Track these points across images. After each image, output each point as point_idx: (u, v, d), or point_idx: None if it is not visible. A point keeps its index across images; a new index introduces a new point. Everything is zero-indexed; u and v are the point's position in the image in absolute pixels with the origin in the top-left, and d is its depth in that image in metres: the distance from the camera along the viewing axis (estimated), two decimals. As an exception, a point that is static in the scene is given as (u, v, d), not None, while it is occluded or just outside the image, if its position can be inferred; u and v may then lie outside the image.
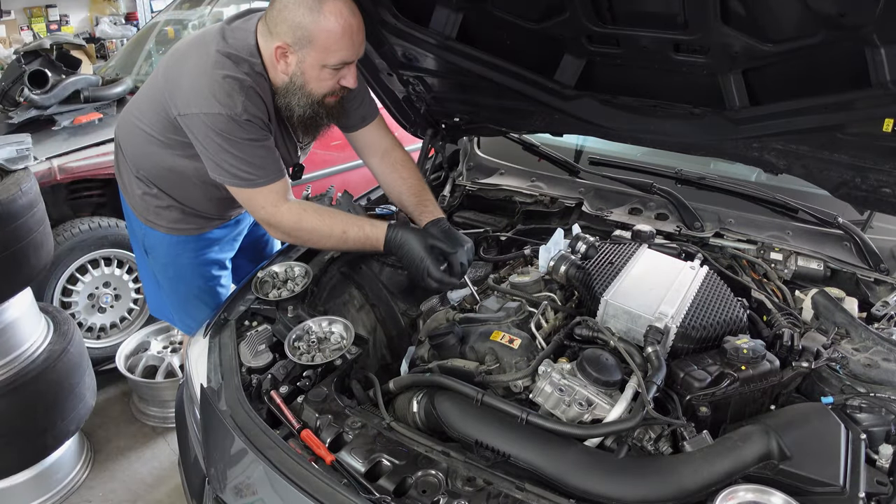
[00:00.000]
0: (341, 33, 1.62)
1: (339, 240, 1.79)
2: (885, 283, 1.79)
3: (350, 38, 1.65)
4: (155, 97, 1.80)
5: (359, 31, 1.67)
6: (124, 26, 7.11)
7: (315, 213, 1.78)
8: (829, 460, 1.15)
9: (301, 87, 1.71)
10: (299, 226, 1.77)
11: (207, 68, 1.66)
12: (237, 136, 1.66)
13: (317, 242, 1.84)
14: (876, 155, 1.59)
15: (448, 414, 1.38)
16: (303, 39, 1.63)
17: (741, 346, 1.40)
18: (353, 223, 1.79)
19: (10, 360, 2.27)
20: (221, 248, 2.18)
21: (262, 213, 1.78)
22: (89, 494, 2.69)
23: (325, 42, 1.63)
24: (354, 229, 1.78)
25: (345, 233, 1.77)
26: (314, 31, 1.61)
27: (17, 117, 3.21)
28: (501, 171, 2.51)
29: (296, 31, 1.62)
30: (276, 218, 1.76)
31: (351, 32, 1.64)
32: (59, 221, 3.11)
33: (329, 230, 1.77)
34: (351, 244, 1.80)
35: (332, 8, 1.60)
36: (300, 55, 1.65)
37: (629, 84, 1.84)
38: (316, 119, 1.79)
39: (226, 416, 1.43)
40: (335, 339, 1.64)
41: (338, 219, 1.79)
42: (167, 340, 3.30)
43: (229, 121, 1.64)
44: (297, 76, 1.69)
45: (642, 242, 1.90)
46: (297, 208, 1.77)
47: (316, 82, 1.70)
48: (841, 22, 1.32)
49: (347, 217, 1.82)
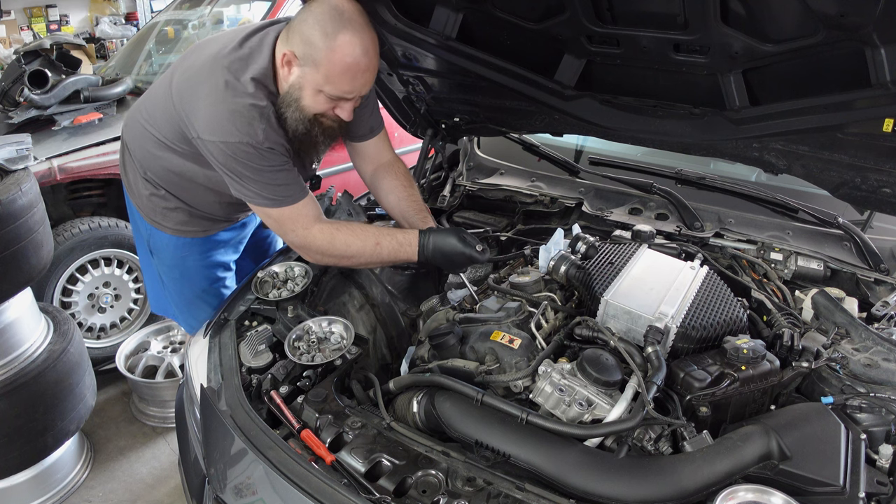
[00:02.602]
0: (345, 69, 1.58)
1: (373, 252, 1.75)
2: (885, 283, 1.79)
3: (353, 76, 1.60)
4: (168, 112, 1.76)
5: (366, 70, 1.62)
6: (124, 26, 7.12)
7: (347, 228, 1.75)
8: (829, 460, 1.15)
9: (296, 101, 1.66)
10: (332, 244, 1.73)
11: (227, 95, 1.62)
12: (258, 164, 1.64)
13: (351, 259, 1.78)
14: (876, 155, 1.59)
15: (448, 414, 1.38)
16: (309, 57, 1.59)
17: (741, 346, 1.40)
18: (384, 234, 1.77)
19: (10, 360, 2.27)
20: (227, 251, 2.18)
21: (292, 237, 1.75)
22: (89, 494, 2.69)
23: (328, 71, 1.59)
24: (387, 239, 1.76)
25: (378, 244, 1.74)
26: (321, 55, 1.57)
27: (17, 117, 3.21)
28: (501, 171, 2.51)
29: (306, 46, 1.58)
30: (307, 240, 1.73)
31: (356, 71, 1.60)
32: (59, 221, 3.11)
33: (362, 244, 1.74)
34: (385, 255, 1.77)
35: (346, 41, 1.55)
36: (303, 70, 1.61)
37: (629, 84, 1.84)
38: (311, 136, 1.72)
39: (226, 416, 1.43)
40: (335, 339, 1.64)
41: (369, 231, 1.77)
42: (167, 340, 3.30)
43: (250, 149, 1.61)
44: (296, 88, 1.65)
45: (642, 242, 1.90)
46: (329, 227, 1.74)
47: (311, 101, 1.65)
48: (841, 22, 1.32)
49: (377, 229, 1.79)
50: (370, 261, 1.79)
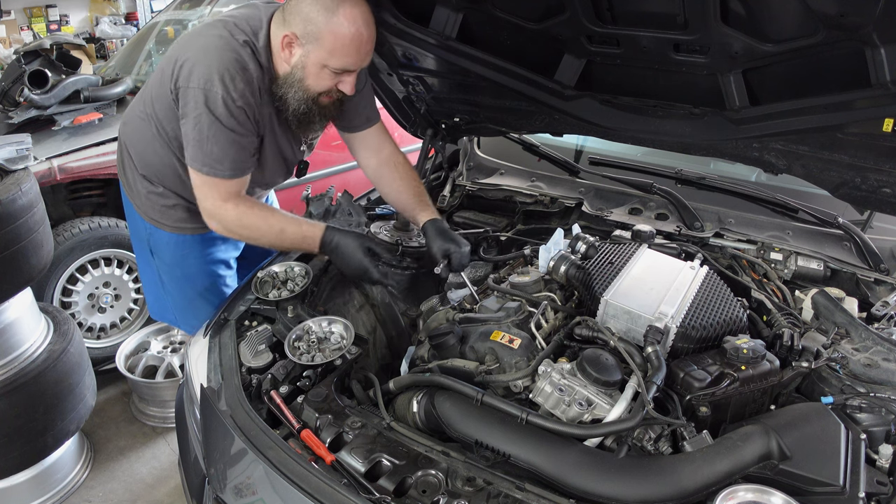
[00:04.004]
0: (350, 40, 1.64)
1: (277, 237, 1.82)
2: (885, 283, 1.79)
3: (357, 47, 1.66)
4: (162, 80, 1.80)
5: (368, 41, 1.68)
6: (124, 26, 7.11)
7: (259, 210, 1.81)
8: (828, 460, 1.15)
9: (300, 81, 1.72)
10: (240, 223, 1.79)
11: (219, 48, 1.67)
12: (224, 121, 1.68)
13: (254, 239, 1.85)
14: (876, 155, 1.60)
15: (448, 414, 1.38)
16: (311, 35, 1.64)
17: (741, 346, 1.40)
18: (291, 222, 1.82)
19: (10, 360, 2.27)
20: (228, 248, 2.18)
21: (207, 203, 1.79)
22: (89, 494, 2.69)
23: (332, 44, 1.64)
24: (292, 227, 1.81)
25: (283, 231, 1.80)
26: (324, 30, 1.63)
27: (17, 117, 3.21)
28: (501, 171, 2.51)
29: (307, 24, 1.64)
30: (220, 211, 1.78)
31: (360, 42, 1.66)
32: (59, 221, 3.11)
33: (268, 227, 1.80)
34: (287, 242, 1.84)
35: (348, 13, 1.62)
36: (305, 49, 1.67)
37: (629, 84, 1.85)
38: (309, 115, 1.79)
39: (226, 416, 1.43)
40: (335, 339, 1.64)
41: (278, 217, 1.82)
42: (167, 340, 3.30)
43: (224, 103, 1.66)
44: (298, 69, 1.71)
45: (642, 242, 1.90)
46: (242, 207, 1.79)
47: (314, 79, 1.72)
48: (841, 22, 1.32)
49: (288, 216, 1.84)
50: (272, 244, 1.87)
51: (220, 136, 1.70)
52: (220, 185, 1.76)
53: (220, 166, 1.73)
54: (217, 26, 1.73)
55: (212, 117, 1.67)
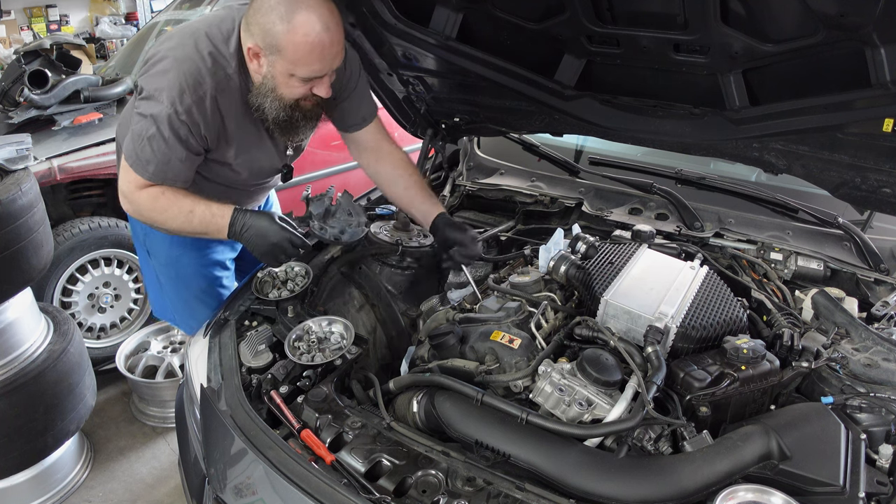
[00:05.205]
0: (310, 49, 1.57)
1: (186, 219, 1.74)
2: (885, 283, 1.79)
3: (320, 54, 1.59)
4: None
5: (331, 45, 1.59)
6: (124, 26, 7.11)
7: (172, 193, 1.74)
8: (829, 460, 1.15)
9: (272, 91, 1.67)
10: (152, 205, 1.74)
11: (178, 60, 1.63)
12: (164, 133, 1.64)
13: (164, 222, 1.78)
14: (876, 155, 1.60)
15: (448, 414, 1.38)
16: (272, 47, 1.58)
17: (741, 346, 1.40)
18: (202, 203, 1.75)
19: (10, 360, 2.27)
20: (224, 248, 2.17)
21: (123, 186, 1.76)
22: (89, 494, 2.69)
23: (293, 55, 1.58)
24: (201, 207, 1.74)
25: (192, 212, 1.74)
26: (282, 41, 1.56)
27: (17, 117, 3.21)
28: (501, 171, 2.51)
29: (265, 36, 1.58)
30: (133, 195, 1.74)
31: (321, 48, 1.58)
32: (59, 221, 3.11)
33: (178, 209, 1.73)
34: (196, 221, 1.75)
35: (303, 21, 1.54)
36: (269, 60, 1.61)
37: (629, 84, 1.84)
38: (291, 121, 1.74)
39: (226, 416, 1.43)
40: (335, 339, 1.64)
41: (190, 199, 1.75)
42: (167, 340, 3.30)
43: (168, 118, 1.63)
44: (269, 79, 1.65)
45: (642, 242, 1.90)
46: (155, 191, 1.74)
47: (286, 88, 1.66)
48: (841, 22, 1.32)
49: (196, 199, 1.77)
50: (182, 227, 1.78)
51: (154, 143, 1.66)
52: (141, 179, 1.72)
53: (144, 169, 1.69)
54: (188, 32, 1.69)
55: (154, 126, 1.64)
